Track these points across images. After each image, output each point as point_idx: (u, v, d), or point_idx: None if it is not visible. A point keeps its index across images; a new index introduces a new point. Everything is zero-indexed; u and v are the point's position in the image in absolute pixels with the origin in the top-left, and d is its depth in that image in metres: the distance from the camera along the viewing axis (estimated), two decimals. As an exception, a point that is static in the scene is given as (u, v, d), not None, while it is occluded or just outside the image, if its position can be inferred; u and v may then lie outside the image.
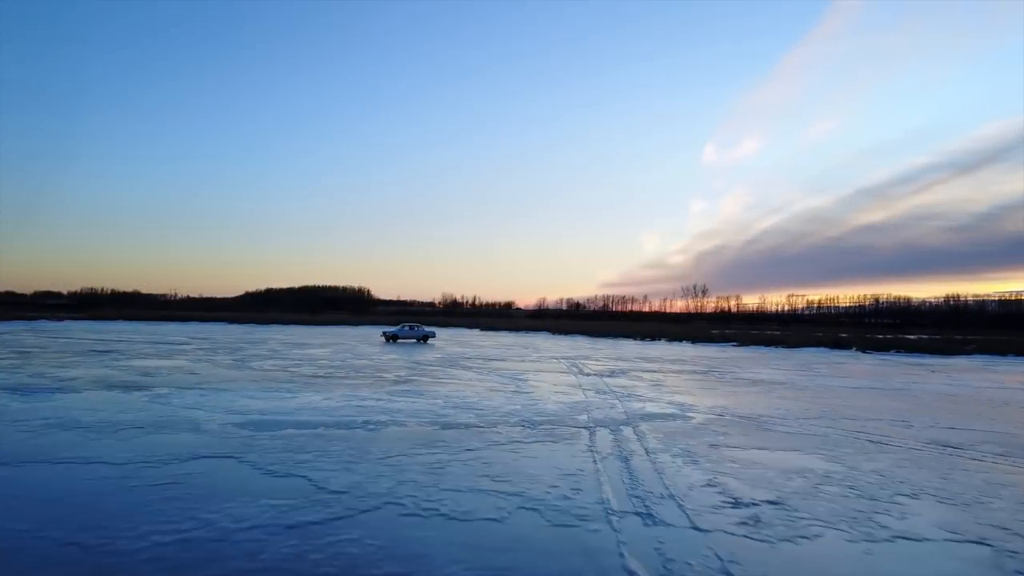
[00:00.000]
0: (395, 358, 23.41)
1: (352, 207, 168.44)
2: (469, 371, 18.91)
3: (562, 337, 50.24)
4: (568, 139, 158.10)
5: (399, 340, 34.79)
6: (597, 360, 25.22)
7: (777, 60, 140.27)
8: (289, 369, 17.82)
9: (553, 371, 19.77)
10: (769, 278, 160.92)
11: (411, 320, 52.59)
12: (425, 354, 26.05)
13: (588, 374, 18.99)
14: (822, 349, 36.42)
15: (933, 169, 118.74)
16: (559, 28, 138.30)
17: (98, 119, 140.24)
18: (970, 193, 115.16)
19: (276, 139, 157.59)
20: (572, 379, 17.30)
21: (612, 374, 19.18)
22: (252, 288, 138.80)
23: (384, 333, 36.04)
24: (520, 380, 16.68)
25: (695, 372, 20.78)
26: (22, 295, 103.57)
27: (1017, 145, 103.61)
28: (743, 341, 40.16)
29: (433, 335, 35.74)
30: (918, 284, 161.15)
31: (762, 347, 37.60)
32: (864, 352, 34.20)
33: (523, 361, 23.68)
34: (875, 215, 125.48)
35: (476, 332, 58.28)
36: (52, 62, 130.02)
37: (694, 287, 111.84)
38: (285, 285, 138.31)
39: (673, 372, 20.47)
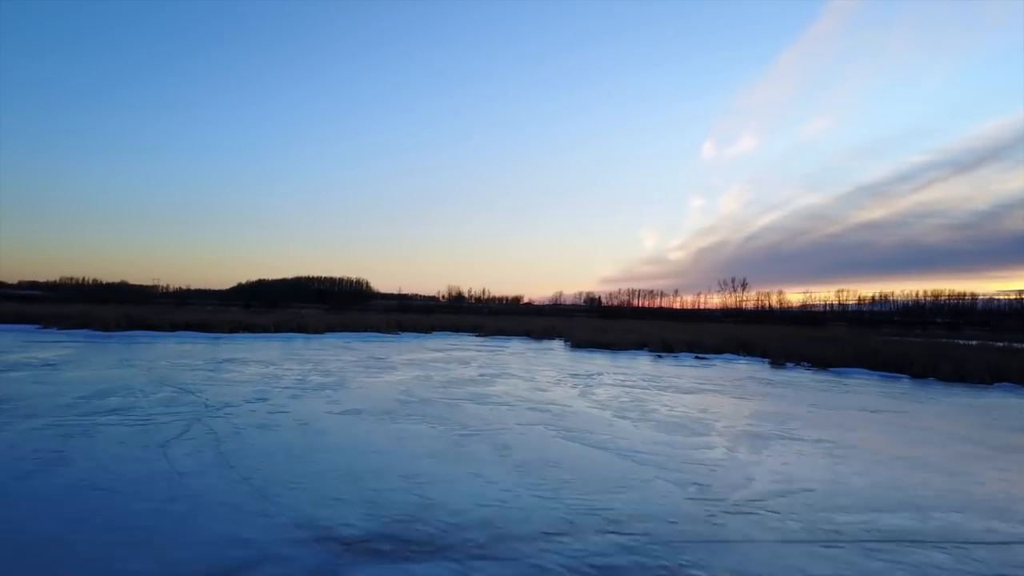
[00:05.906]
0: None
1: (354, 199, 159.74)
2: None
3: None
4: (570, 138, 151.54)
5: None
6: None
7: (775, 58, 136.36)
8: None
9: None
10: (769, 275, 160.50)
11: (415, 317, 27.75)
12: None
13: None
14: None
15: (932, 167, 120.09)
16: (561, 29, 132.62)
17: (87, 108, 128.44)
18: (970, 191, 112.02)
19: (289, 129, 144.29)
20: None
21: None
22: (245, 279, 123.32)
23: None
24: None
25: None
26: (8, 284, 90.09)
27: (1016, 144, 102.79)
28: None
29: None
30: (920, 282, 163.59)
31: None
32: None
33: None
34: (875, 213, 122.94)
35: (525, 347, 17.63)
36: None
37: (732, 280, 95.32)
38: (279, 276, 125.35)
39: None
